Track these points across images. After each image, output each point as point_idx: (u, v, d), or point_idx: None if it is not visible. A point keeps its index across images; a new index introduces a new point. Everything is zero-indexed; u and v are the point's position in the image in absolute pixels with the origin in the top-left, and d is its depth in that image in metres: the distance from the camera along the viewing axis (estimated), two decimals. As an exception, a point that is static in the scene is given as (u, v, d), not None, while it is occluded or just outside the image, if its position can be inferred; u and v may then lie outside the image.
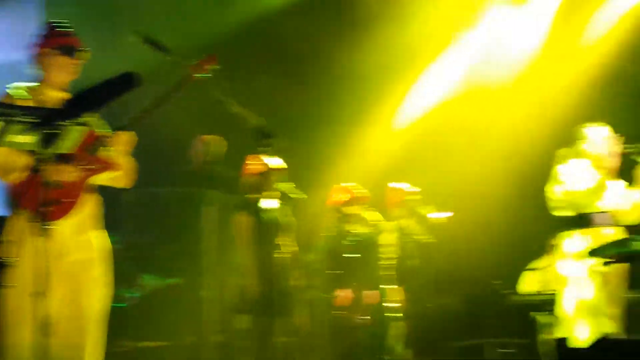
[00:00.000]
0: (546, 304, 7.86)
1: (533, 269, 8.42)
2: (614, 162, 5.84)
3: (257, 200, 6.15)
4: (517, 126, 8.35)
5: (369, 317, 7.16)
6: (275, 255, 5.92)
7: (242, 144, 5.17)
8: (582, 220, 5.66)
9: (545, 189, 5.91)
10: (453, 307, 8.44)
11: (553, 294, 7.14)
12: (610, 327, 5.56)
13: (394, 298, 7.09)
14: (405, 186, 7.42)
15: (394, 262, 7.11)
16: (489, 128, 8.60)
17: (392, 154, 8.64)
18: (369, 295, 7.14)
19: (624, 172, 5.93)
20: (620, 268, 5.62)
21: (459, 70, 9.01)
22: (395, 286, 7.08)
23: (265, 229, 6.14)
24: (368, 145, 8.80)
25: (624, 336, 6.32)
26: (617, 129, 5.95)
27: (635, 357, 3.30)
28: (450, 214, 7.25)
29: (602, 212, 5.68)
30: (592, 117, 6.06)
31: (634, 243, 5.08)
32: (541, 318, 8.19)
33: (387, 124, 9.07)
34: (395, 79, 8.82)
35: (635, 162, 5.75)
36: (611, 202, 5.76)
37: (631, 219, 5.84)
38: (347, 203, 7.28)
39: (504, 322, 8.29)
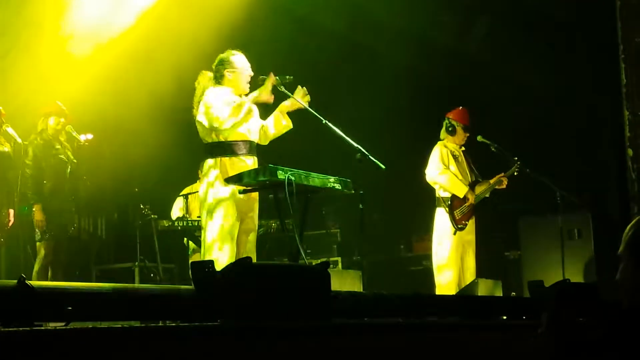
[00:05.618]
0: (194, 229, 8.01)
1: (182, 195, 8.48)
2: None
3: None
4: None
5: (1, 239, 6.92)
6: None
7: None
8: (224, 148, 5.68)
9: (193, 114, 5.79)
10: (100, 231, 8.30)
11: (199, 219, 7.28)
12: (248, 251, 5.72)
13: (37, 218, 6.88)
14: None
15: (30, 180, 6.89)
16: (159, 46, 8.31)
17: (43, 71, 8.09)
18: (5, 215, 6.86)
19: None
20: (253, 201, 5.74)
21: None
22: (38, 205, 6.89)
23: None
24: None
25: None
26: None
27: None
28: (91, 135, 7.05)
29: (244, 140, 5.72)
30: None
31: (272, 172, 5.20)
32: (191, 243, 8.34)
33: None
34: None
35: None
36: (254, 130, 5.82)
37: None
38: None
39: (152, 246, 8.31)
